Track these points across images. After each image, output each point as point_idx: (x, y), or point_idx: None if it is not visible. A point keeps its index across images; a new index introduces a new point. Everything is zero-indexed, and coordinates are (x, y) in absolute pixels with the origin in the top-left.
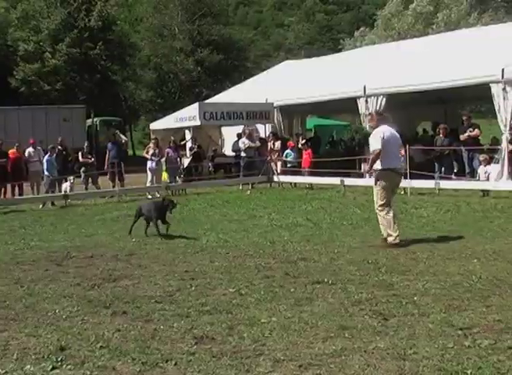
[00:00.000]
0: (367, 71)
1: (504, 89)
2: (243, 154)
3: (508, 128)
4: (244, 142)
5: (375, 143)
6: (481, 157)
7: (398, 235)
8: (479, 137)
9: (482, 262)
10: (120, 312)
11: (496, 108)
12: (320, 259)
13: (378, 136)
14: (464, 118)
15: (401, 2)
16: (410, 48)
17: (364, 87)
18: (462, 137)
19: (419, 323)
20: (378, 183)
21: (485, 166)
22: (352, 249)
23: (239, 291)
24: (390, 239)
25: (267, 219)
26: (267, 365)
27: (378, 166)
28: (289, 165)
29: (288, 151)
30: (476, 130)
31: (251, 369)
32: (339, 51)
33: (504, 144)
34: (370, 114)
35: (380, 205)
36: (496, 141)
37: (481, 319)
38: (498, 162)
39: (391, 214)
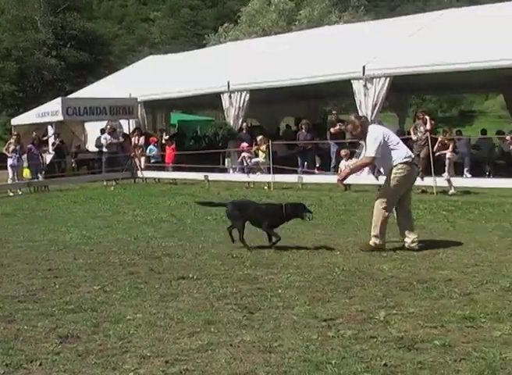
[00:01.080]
0: (231, 67)
1: (365, 85)
2: (104, 149)
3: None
4: (106, 138)
5: (371, 148)
6: (343, 152)
7: (384, 241)
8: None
9: (345, 254)
10: None
11: (358, 104)
12: (184, 255)
13: (376, 141)
14: (334, 114)
15: None
16: (274, 45)
17: (228, 83)
18: (333, 129)
19: (284, 315)
20: (396, 178)
21: (346, 160)
22: (216, 244)
23: (103, 288)
24: (375, 240)
25: (131, 215)
26: (133, 362)
27: (390, 163)
28: (152, 160)
29: (151, 146)
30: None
31: (118, 367)
32: (204, 46)
33: None
34: (350, 122)
35: (386, 202)
36: None
37: (344, 310)
38: (359, 157)
39: (388, 215)
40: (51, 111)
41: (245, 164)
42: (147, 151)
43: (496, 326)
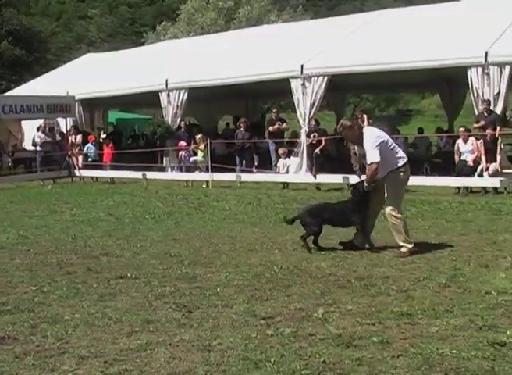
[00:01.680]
0: (169, 65)
1: (303, 84)
2: (39, 148)
3: (307, 122)
4: (40, 136)
5: (373, 153)
6: (281, 150)
7: (412, 242)
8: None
9: (283, 252)
10: None
11: (296, 102)
12: (123, 254)
13: (375, 144)
14: (274, 112)
15: None
16: (213, 43)
17: (166, 81)
18: (272, 128)
19: (223, 314)
20: (401, 180)
21: (284, 158)
22: (155, 243)
23: (41, 288)
24: (409, 246)
25: (68, 214)
26: (71, 363)
27: (390, 166)
28: (90, 159)
29: (89, 145)
30: (285, 124)
31: (56, 368)
32: (142, 44)
33: (303, 138)
34: (347, 128)
35: (396, 207)
36: (296, 135)
37: (283, 308)
38: (297, 156)
39: (402, 216)
40: None
41: (183, 162)
42: (85, 149)
43: (432, 322)
